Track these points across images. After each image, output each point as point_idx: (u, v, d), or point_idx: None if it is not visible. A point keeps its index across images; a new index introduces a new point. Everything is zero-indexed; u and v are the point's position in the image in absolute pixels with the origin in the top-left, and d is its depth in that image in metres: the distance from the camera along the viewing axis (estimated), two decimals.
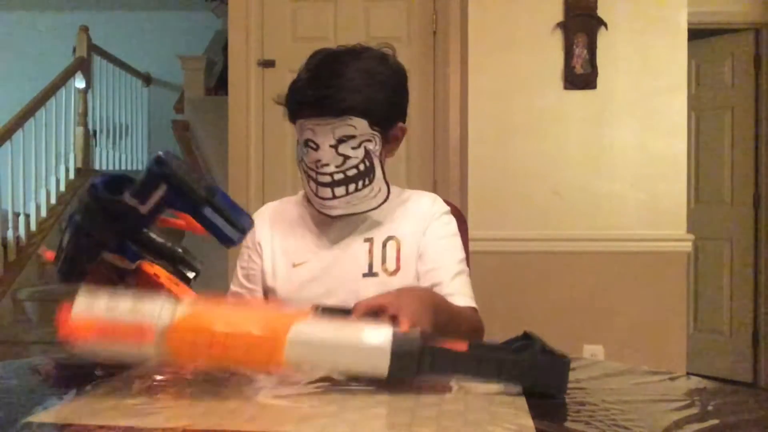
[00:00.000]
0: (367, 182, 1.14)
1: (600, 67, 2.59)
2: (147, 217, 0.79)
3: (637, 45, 2.61)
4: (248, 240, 1.24)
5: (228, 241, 0.77)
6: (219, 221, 0.76)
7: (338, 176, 1.11)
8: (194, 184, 0.75)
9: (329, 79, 1.10)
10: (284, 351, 0.69)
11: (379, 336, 0.72)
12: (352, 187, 1.12)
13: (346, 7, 2.92)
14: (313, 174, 1.13)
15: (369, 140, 1.13)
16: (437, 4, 2.91)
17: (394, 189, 1.22)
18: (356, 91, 1.10)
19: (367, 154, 1.13)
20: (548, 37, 2.60)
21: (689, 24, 2.62)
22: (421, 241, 1.19)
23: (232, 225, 0.77)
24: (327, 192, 1.12)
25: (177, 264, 0.88)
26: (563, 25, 2.59)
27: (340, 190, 1.12)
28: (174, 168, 0.73)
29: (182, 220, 0.84)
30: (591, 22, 2.58)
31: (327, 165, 1.11)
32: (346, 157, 1.11)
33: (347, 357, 0.72)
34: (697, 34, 3.33)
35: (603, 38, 2.59)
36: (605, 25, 2.58)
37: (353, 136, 1.11)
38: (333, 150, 1.11)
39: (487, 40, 2.64)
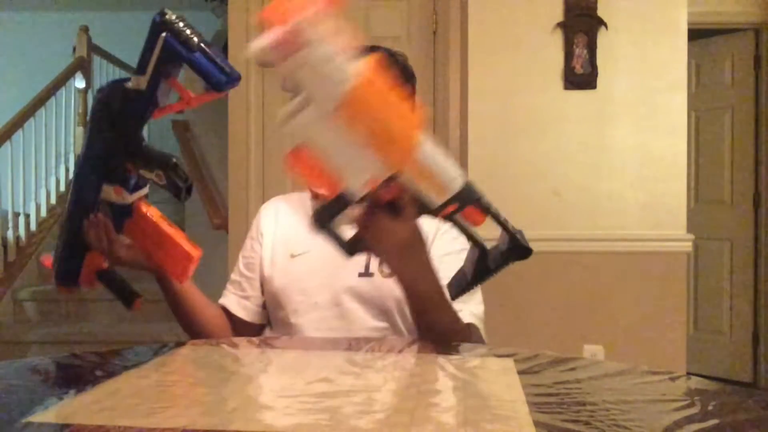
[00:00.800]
0: None
1: (600, 67, 2.59)
2: (149, 94, 0.86)
3: (637, 45, 2.61)
4: (253, 230, 1.29)
5: (217, 85, 0.85)
6: (210, 67, 0.84)
7: None
8: (189, 30, 0.84)
9: None
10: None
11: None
12: None
13: (346, 7, 2.92)
14: None
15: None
16: (437, 4, 2.91)
17: None
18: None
19: None
20: (548, 37, 2.60)
21: (689, 24, 2.62)
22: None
23: (221, 71, 0.85)
24: None
25: (170, 171, 0.91)
26: (563, 25, 2.59)
27: None
28: (173, 17, 0.83)
29: (178, 103, 0.91)
30: (591, 22, 2.58)
31: None
32: None
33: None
34: (697, 34, 3.34)
35: (603, 38, 2.59)
36: (605, 25, 2.58)
37: None
38: None
39: (487, 40, 2.64)
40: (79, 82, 4.77)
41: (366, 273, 1.18)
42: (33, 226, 4.07)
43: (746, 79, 3.83)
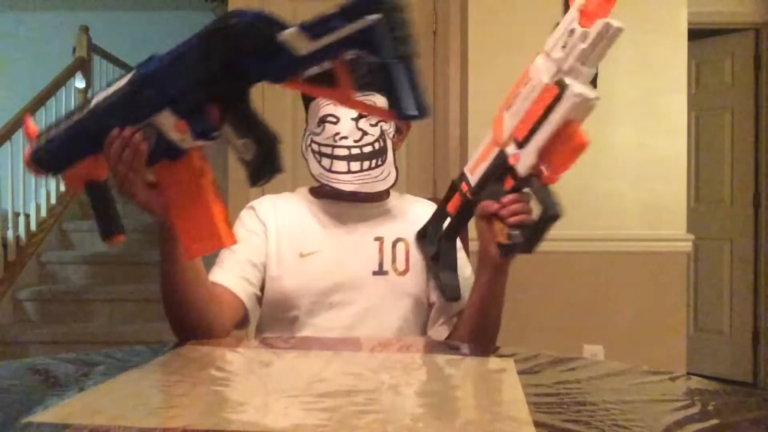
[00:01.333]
0: (380, 162, 1.14)
1: (600, 67, 2.57)
2: (300, 61, 0.66)
3: (637, 45, 2.60)
4: (249, 223, 1.21)
5: (408, 114, 0.65)
6: (405, 86, 0.64)
7: (355, 151, 1.12)
8: (406, 30, 0.64)
9: None
10: None
11: None
12: (366, 164, 1.13)
13: None
14: (328, 150, 1.13)
15: (385, 120, 1.15)
16: (437, 4, 2.91)
17: (393, 192, 1.23)
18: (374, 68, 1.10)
19: (382, 133, 1.15)
20: (548, 37, 2.60)
21: (689, 24, 2.62)
22: None
23: (414, 99, 0.64)
24: (343, 166, 1.13)
25: (267, 150, 0.75)
26: None
27: (355, 165, 1.13)
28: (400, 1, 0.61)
29: (331, 91, 0.71)
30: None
31: (346, 138, 1.12)
32: (364, 133, 1.13)
33: None
34: (697, 34, 3.33)
35: None
36: None
37: None
38: (353, 123, 1.12)
39: (487, 40, 2.64)
40: (79, 82, 4.77)
41: (380, 272, 1.17)
42: (33, 226, 4.07)
43: (746, 79, 3.83)
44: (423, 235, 1.14)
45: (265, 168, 0.75)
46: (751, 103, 3.81)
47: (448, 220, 1.10)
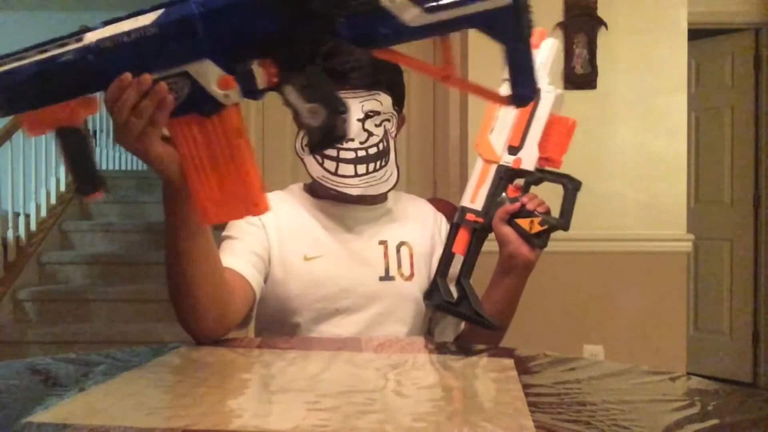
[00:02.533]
0: (383, 163, 1.12)
1: (600, 67, 2.59)
2: (405, 32, 0.59)
3: (637, 45, 2.60)
4: (250, 218, 1.12)
5: (520, 97, 0.62)
6: (527, 71, 0.60)
7: (361, 153, 1.09)
8: (531, 14, 0.58)
9: (351, 54, 1.08)
10: None
11: None
12: (371, 166, 1.10)
13: None
14: (332, 152, 1.08)
15: (388, 119, 1.12)
16: None
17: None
18: (383, 67, 1.09)
19: (386, 133, 1.12)
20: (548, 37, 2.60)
21: (689, 24, 2.62)
22: (432, 243, 1.20)
23: (531, 83, 0.61)
24: (349, 169, 1.09)
25: (334, 115, 0.66)
26: (563, 25, 2.59)
27: (361, 168, 1.09)
28: None
29: (434, 68, 0.68)
30: (591, 22, 2.58)
31: (352, 140, 1.08)
32: (370, 134, 1.10)
33: None
34: (697, 34, 3.33)
35: (603, 38, 2.59)
36: (605, 25, 2.58)
37: (378, 113, 1.10)
38: (360, 125, 1.09)
39: (487, 40, 2.63)
40: None
41: (387, 277, 1.14)
42: (33, 226, 4.06)
43: (746, 79, 3.83)
44: (430, 292, 1.12)
45: (332, 135, 0.66)
46: (751, 103, 3.81)
47: (457, 261, 1.11)
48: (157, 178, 0.81)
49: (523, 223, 1.05)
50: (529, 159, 1.05)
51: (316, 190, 1.20)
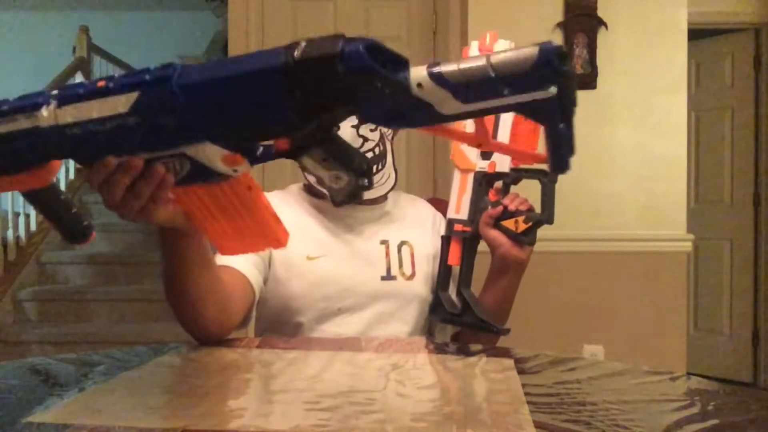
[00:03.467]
0: (380, 167, 1.12)
1: (600, 67, 2.59)
2: (440, 118, 0.52)
3: (637, 45, 2.60)
4: None
5: (564, 167, 0.55)
6: (567, 145, 0.54)
7: None
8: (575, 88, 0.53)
9: None
10: None
11: None
12: None
13: (346, 7, 2.93)
14: None
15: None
16: (437, 4, 2.91)
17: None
18: None
19: (382, 137, 1.13)
20: (548, 37, 2.60)
21: (689, 24, 2.62)
22: (435, 243, 1.20)
23: (569, 154, 0.54)
24: None
25: (360, 178, 0.61)
26: (563, 25, 2.59)
27: None
28: (568, 65, 0.50)
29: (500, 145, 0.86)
30: (591, 22, 2.58)
31: None
32: (365, 139, 1.10)
33: None
34: (697, 34, 3.33)
35: (603, 38, 2.59)
36: (605, 25, 2.58)
37: None
38: (354, 131, 1.09)
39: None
40: None
41: (389, 277, 1.15)
42: (33, 226, 4.07)
43: (746, 79, 3.83)
44: (434, 307, 1.16)
45: (356, 192, 0.63)
46: (751, 103, 3.81)
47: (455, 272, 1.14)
48: None
49: (509, 224, 1.08)
50: (502, 160, 1.09)
51: (314, 191, 1.20)
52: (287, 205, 1.19)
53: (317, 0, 2.95)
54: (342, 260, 1.14)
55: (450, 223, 1.13)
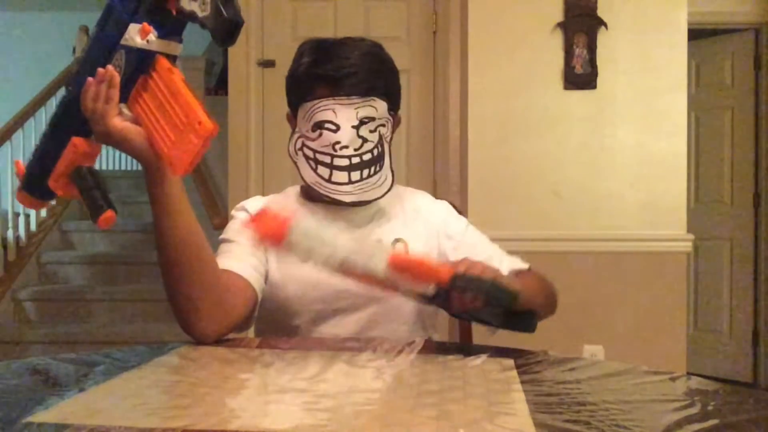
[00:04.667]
0: (378, 168, 1.11)
1: (600, 67, 2.59)
2: None
3: (637, 45, 2.60)
4: (244, 219, 1.14)
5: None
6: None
7: (355, 160, 1.08)
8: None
9: (346, 59, 1.08)
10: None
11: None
12: (366, 172, 1.09)
13: (346, 7, 2.93)
14: (326, 158, 1.08)
15: (383, 124, 1.11)
16: (437, 4, 2.91)
17: None
18: (376, 72, 1.09)
19: (381, 138, 1.11)
20: (548, 37, 2.60)
21: (689, 24, 2.62)
22: (433, 242, 1.18)
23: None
24: (343, 176, 1.08)
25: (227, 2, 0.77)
26: (563, 25, 2.59)
27: (355, 175, 1.08)
28: None
29: None
30: (591, 22, 2.58)
31: (346, 147, 1.07)
32: (365, 140, 1.09)
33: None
34: (697, 34, 3.33)
35: (603, 38, 2.59)
36: (605, 25, 2.58)
37: (373, 119, 1.09)
38: (354, 131, 1.08)
39: (487, 40, 2.64)
40: None
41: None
42: (33, 226, 4.07)
43: (746, 79, 3.82)
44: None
45: (229, 15, 0.76)
46: (751, 103, 3.81)
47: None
48: None
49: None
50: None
51: (309, 193, 1.18)
52: (281, 207, 1.18)
53: (317, 0, 2.95)
54: None
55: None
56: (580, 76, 2.59)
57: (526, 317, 1.00)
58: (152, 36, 0.82)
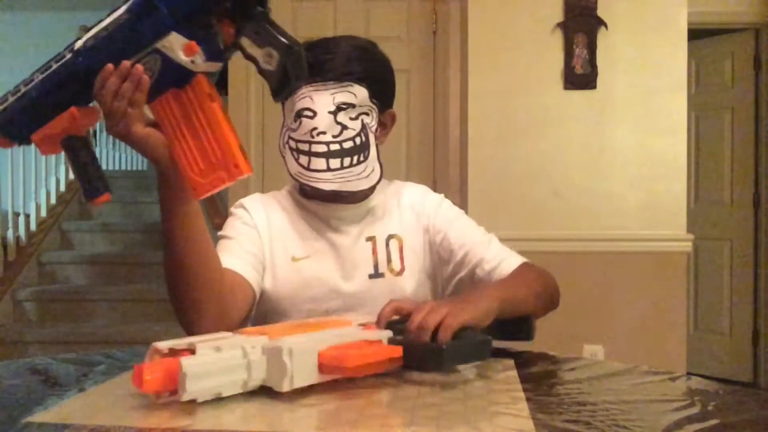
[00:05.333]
0: (362, 158, 1.08)
1: (600, 67, 2.59)
2: None
3: (637, 45, 2.60)
4: (245, 217, 1.14)
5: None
6: None
7: (334, 146, 1.06)
8: None
9: (327, 48, 1.07)
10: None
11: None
12: (347, 160, 1.06)
13: (346, 7, 2.92)
14: (305, 146, 1.07)
15: (367, 113, 1.09)
16: (437, 4, 2.91)
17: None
18: (357, 59, 1.08)
19: (364, 127, 1.08)
20: (548, 37, 2.60)
21: (689, 24, 2.62)
22: (426, 237, 1.16)
23: None
24: (321, 163, 1.06)
25: (291, 58, 0.72)
26: (563, 25, 2.59)
27: (334, 162, 1.06)
28: None
29: None
30: (591, 22, 2.58)
31: (324, 133, 1.05)
32: (344, 127, 1.06)
33: None
34: (697, 34, 3.33)
35: (603, 38, 2.59)
36: (605, 25, 2.58)
37: (353, 105, 1.07)
38: (332, 117, 1.06)
39: (487, 40, 2.64)
40: None
41: (376, 274, 1.12)
42: (33, 226, 4.06)
43: (746, 79, 3.82)
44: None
45: (291, 76, 0.73)
46: (751, 103, 3.81)
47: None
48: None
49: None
50: None
51: (303, 188, 1.16)
52: (275, 205, 1.17)
53: (317, 0, 2.95)
54: (328, 261, 1.12)
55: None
56: (580, 76, 2.59)
57: (520, 324, 0.96)
58: (199, 58, 0.74)
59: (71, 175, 4.60)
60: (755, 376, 3.78)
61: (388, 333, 0.74)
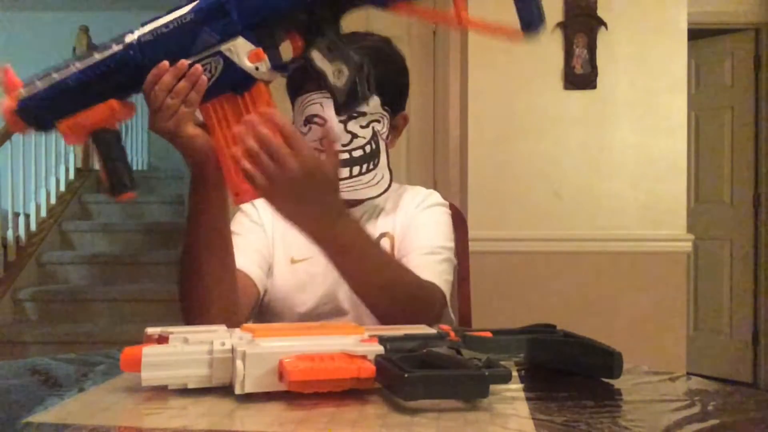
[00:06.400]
0: (371, 166, 1.06)
1: (600, 67, 2.59)
2: None
3: (637, 45, 2.61)
4: (253, 215, 1.13)
5: (533, 28, 0.70)
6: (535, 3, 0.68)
7: (344, 156, 1.03)
8: None
9: None
10: None
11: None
12: (356, 169, 1.04)
13: None
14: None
15: (378, 120, 1.06)
16: (437, 4, 2.91)
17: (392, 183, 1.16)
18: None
19: (374, 135, 1.06)
20: (548, 37, 2.60)
21: (689, 24, 2.62)
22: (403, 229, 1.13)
23: (539, 14, 0.70)
24: None
25: (360, 74, 0.73)
26: (563, 25, 2.59)
27: (344, 172, 1.03)
28: None
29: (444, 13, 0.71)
30: (591, 22, 2.58)
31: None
32: (354, 136, 1.04)
33: None
34: (697, 34, 3.34)
35: (603, 38, 2.59)
36: (605, 25, 2.58)
37: (363, 113, 1.04)
38: (341, 126, 1.03)
39: (487, 40, 2.63)
40: None
41: None
42: (33, 226, 4.07)
43: (746, 79, 3.83)
44: None
45: (359, 93, 0.73)
46: (751, 103, 3.82)
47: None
48: (158, 179, 0.83)
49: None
50: None
51: None
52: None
53: None
54: (325, 264, 1.05)
55: None
56: (580, 76, 2.59)
57: (607, 359, 0.80)
58: (263, 66, 0.74)
59: (71, 176, 4.60)
60: (755, 376, 3.78)
61: (379, 349, 0.68)
